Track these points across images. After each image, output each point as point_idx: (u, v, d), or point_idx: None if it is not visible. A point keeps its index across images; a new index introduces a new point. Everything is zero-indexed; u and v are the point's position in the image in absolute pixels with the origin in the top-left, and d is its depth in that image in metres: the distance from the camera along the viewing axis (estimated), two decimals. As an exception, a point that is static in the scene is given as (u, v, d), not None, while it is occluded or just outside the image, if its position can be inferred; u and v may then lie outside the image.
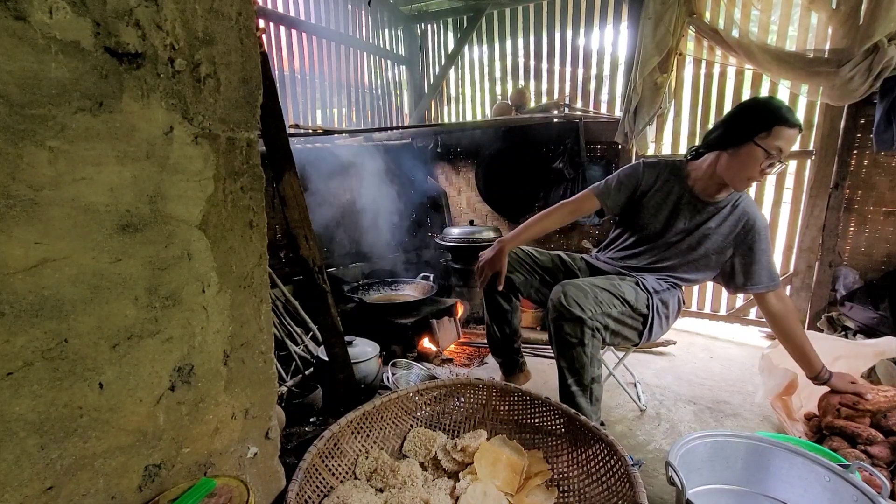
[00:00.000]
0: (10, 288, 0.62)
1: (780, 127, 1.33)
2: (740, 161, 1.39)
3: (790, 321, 1.51)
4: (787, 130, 1.33)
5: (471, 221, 3.05)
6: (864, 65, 2.03)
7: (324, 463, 1.13)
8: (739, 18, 2.40)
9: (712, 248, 1.54)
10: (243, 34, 0.88)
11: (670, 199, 1.57)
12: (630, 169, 1.64)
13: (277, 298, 2.13)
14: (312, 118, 3.30)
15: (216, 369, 0.91)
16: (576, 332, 1.37)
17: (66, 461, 0.70)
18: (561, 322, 1.38)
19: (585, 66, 3.37)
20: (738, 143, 1.39)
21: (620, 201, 1.63)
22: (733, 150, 1.40)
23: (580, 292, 1.39)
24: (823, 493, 1.06)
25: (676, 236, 1.57)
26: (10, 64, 0.59)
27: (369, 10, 3.71)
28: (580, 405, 1.39)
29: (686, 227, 1.55)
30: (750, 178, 1.41)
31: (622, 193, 1.63)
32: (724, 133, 1.43)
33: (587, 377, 1.40)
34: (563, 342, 1.39)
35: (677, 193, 1.56)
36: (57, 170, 0.65)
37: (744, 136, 1.37)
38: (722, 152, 1.44)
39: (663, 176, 1.59)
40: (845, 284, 2.37)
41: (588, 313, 1.36)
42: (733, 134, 1.41)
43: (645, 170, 1.62)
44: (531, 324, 2.76)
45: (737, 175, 1.42)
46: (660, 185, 1.59)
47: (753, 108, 1.42)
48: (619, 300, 1.45)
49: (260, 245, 0.97)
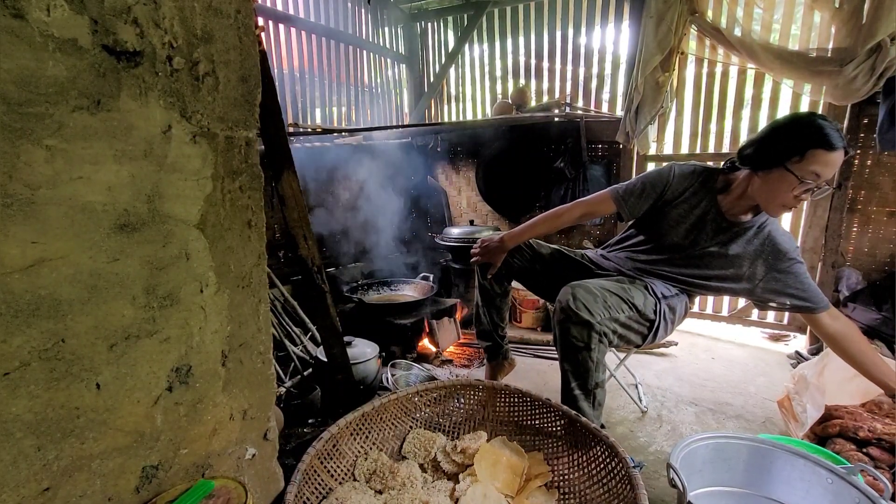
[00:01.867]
0: (6, 287, 0.61)
1: (816, 150, 1.18)
2: (770, 187, 1.27)
3: (851, 341, 1.36)
4: (826, 155, 1.18)
5: (471, 221, 3.04)
6: (867, 64, 2.02)
7: (322, 464, 1.13)
8: (742, 17, 2.39)
9: (732, 270, 1.45)
10: (242, 32, 0.88)
11: (695, 213, 1.47)
12: (656, 174, 1.53)
13: (276, 298, 2.13)
14: (311, 117, 3.29)
15: (214, 370, 0.90)
16: (583, 336, 1.34)
17: (64, 462, 0.69)
18: (568, 325, 1.35)
19: (587, 65, 3.36)
20: (769, 167, 1.26)
21: (642, 208, 1.53)
22: (764, 172, 1.28)
23: (590, 296, 1.35)
24: (825, 496, 1.05)
25: (694, 252, 1.49)
26: (7, 62, 0.59)
27: (369, 8, 3.70)
28: (582, 409, 1.37)
29: (707, 245, 1.46)
30: (784, 204, 1.28)
31: (645, 200, 1.52)
32: (756, 153, 1.30)
33: (591, 382, 1.37)
34: (568, 345, 1.36)
35: (703, 209, 1.46)
36: (54, 169, 0.64)
37: (775, 160, 1.24)
38: (754, 174, 1.32)
39: (693, 187, 1.48)
40: (848, 285, 2.36)
41: (597, 318, 1.33)
42: (764, 155, 1.28)
43: (675, 178, 1.50)
44: (531, 324, 2.75)
45: (769, 201, 1.31)
46: (688, 195, 1.48)
47: (788, 127, 1.26)
48: (627, 305, 1.41)
49: (258, 245, 0.96)
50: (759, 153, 1.30)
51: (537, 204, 3.18)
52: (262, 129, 1.15)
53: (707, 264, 1.48)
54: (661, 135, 2.86)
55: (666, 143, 2.90)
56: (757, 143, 1.32)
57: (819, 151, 1.18)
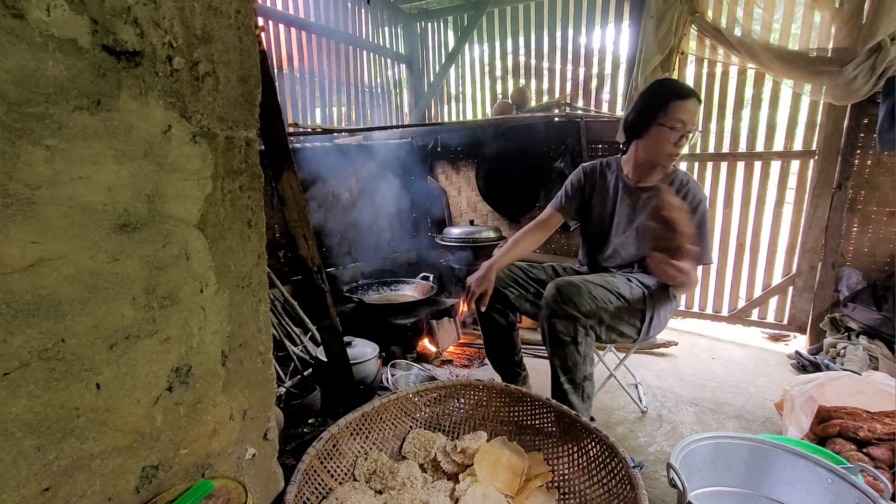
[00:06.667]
0: (6, 287, 0.61)
1: (674, 102, 1.43)
2: (652, 143, 1.50)
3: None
4: (683, 103, 1.43)
5: (471, 221, 3.04)
6: (867, 64, 2.02)
7: (322, 464, 1.13)
8: (742, 17, 2.39)
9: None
10: (242, 32, 0.88)
11: (610, 194, 1.67)
12: (574, 176, 1.76)
13: (276, 298, 2.13)
14: (312, 117, 3.29)
15: (214, 370, 0.90)
16: (569, 329, 1.37)
17: (63, 462, 0.69)
18: (554, 319, 1.39)
19: (587, 65, 3.36)
20: (645, 129, 1.51)
21: (575, 207, 1.74)
22: (644, 135, 1.52)
23: (573, 289, 1.39)
24: (826, 496, 1.05)
25: (624, 225, 1.63)
26: (7, 62, 0.59)
27: (369, 9, 3.70)
28: (572, 403, 1.39)
29: (630, 214, 1.63)
30: (669, 154, 1.49)
31: (574, 200, 1.73)
32: (633, 123, 1.55)
33: (580, 375, 1.41)
34: (556, 340, 1.40)
35: (615, 186, 1.66)
36: (54, 169, 0.64)
37: (648, 121, 1.49)
38: (637, 140, 1.56)
39: (602, 175, 1.70)
40: (848, 285, 2.36)
41: (582, 309, 1.37)
42: (640, 122, 1.52)
43: (586, 172, 1.73)
44: (531, 324, 2.75)
45: (656, 156, 1.52)
46: (600, 182, 1.70)
47: (647, 93, 1.55)
48: (614, 295, 1.45)
49: (258, 245, 0.96)
50: (635, 123, 1.55)
51: (537, 204, 3.18)
52: (262, 129, 1.16)
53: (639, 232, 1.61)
54: (662, 135, 2.85)
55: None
56: (631, 114, 1.57)
57: (677, 102, 1.43)
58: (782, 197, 2.67)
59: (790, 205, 2.63)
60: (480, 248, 2.75)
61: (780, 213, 2.68)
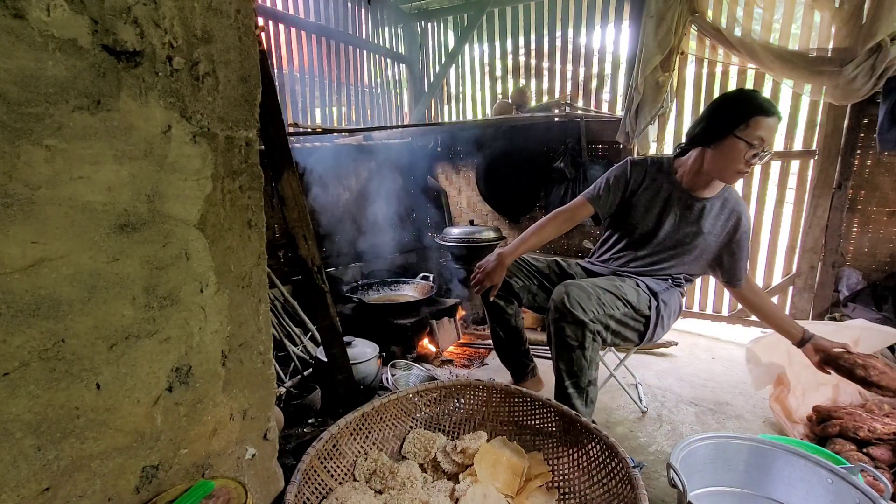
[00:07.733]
0: (6, 287, 0.61)
1: (757, 117, 1.34)
2: (724, 155, 1.40)
3: (765, 302, 1.60)
4: (766, 120, 1.34)
5: (471, 221, 3.04)
6: (867, 64, 2.02)
7: (322, 464, 1.13)
8: (742, 17, 2.39)
9: (705, 246, 1.55)
10: (242, 32, 0.88)
11: (660, 197, 1.57)
12: (619, 169, 1.63)
13: (276, 298, 2.13)
14: (312, 117, 3.29)
15: (214, 370, 0.90)
16: (577, 334, 1.36)
17: (63, 462, 0.69)
18: (562, 324, 1.37)
19: (587, 65, 3.36)
20: (719, 138, 1.40)
21: (614, 203, 1.63)
22: (715, 145, 1.41)
23: (583, 293, 1.38)
24: (826, 496, 1.05)
25: (668, 234, 1.57)
26: (7, 62, 0.59)
27: (369, 8, 3.70)
28: (576, 407, 1.38)
29: (677, 224, 1.55)
30: (738, 171, 1.41)
31: (614, 194, 1.62)
32: (705, 129, 1.44)
33: (584, 380, 1.40)
34: (563, 344, 1.39)
35: (667, 190, 1.56)
36: (54, 169, 0.64)
37: (724, 131, 1.38)
38: (705, 149, 1.45)
39: (651, 174, 1.59)
40: (848, 285, 2.36)
41: (590, 315, 1.36)
42: (713, 129, 1.41)
43: (633, 168, 1.61)
44: (532, 324, 2.75)
45: (724, 169, 1.43)
46: (648, 182, 1.59)
47: (730, 101, 1.43)
48: (621, 301, 1.44)
49: (258, 245, 0.96)
50: (708, 129, 1.43)
51: (537, 204, 3.18)
52: (262, 129, 1.15)
53: (682, 244, 1.56)
54: (662, 135, 2.86)
55: (666, 143, 2.90)
56: (704, 120, 1.46)
57: (761, 118, 1.34)
58: (782, 197, 2.66)
59: (790, 205, 2.63)
60: (480, 248, 2.75)
61: (780, 212, 2.67)
